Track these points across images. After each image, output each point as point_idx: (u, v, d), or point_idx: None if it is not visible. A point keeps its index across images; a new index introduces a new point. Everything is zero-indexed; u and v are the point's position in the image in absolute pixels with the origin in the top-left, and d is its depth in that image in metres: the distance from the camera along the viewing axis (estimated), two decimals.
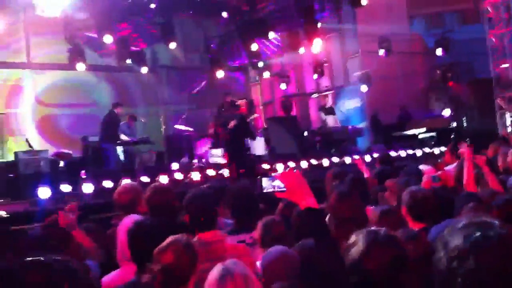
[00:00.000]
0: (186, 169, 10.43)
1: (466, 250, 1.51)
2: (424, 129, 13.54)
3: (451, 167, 5.57)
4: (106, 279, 3.51)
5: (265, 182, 2.61)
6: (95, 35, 13.11)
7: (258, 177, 2.65)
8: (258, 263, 3.16)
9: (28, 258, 1.92)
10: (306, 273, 2.62)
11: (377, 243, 2.15)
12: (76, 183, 8.87)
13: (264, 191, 2.62)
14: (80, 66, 12.32)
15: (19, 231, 4.88)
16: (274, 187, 2.59)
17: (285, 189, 2.49)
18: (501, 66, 14.07)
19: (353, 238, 2.23)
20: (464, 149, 4.81)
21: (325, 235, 2.37)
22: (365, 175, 5.99)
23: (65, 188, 8.53)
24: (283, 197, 2.66)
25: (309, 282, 2.11)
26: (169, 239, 2.90)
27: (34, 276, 2.39)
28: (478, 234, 1.52)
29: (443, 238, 1.62)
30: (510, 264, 1.47)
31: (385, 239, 2.19)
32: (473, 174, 4.60)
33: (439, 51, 14.84)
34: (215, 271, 2.42)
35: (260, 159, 11.64)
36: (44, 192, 8.03)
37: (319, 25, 13.85)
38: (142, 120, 12.93)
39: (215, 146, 12.13)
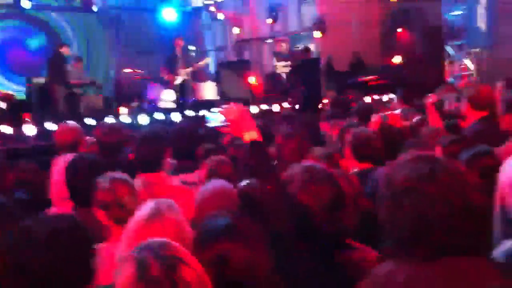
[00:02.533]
0: (134, 113, 10.25)
1: (413, 182, 1.52)
2: (374, 77, 13.62)
3: (398, 111, 5.64)
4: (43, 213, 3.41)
5: (208, 115, 2.57)
6: None
7: (203, 113, 2.59)
8: None
9: None
10: (245, 208, 2.60)
11: (314, 178, 2.15)
12: (18, 125, 8.60)
13: (208, 125, 2.59)
14: (26, 4, 11.88)
15: None
16: (217, 120, 2.55)
17: (227, 122, 2.45)
18: (451, 14, 14.18)
19: (290, 173, 2.22)
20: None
21: (268, 168, 2.35)
22: None
23: (6, 129, 8.26)
24: (226, 132, 2.62)
25: (247, 216, 2.08)
26: (108, 176, 2.82)
27: None
28: (425, 166, 1.53)
29: (388, 174, 1.63)
30: (455, 196, 1.49)
31: (322, 175, 2.19)
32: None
33: None
34: (145, 209, 2.35)
35: (211, 103, 11.53)
36: None
37: None
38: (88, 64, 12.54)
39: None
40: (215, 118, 2.59)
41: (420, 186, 1.50)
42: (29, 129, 8.27)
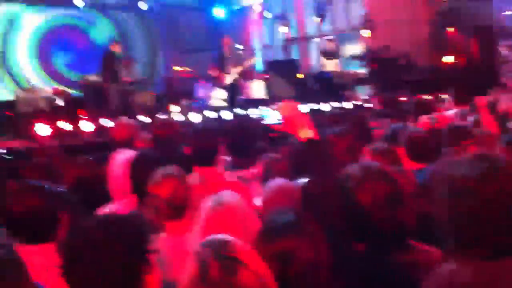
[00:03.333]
0: (185, 111, 10.40)
1: (473, 181, 1.51)
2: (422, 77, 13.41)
3: (451, 112, 5.60)
4: (103, 211, 3.53)
5: (264, 113, 2.60)
6: None
7: (250, 116, 2.63)
8: (256, 200, 3.18)
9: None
10: (307, 206, 2.64)
11: (370, 177, 2.16)
12: (75, 121, 8.85)
13: (262, 122, 2.61)
14: (79, 2, 12.15)
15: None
16: (271, 119, 2.59)
17: (282, 120, 2.46)
18: (504, 13, 13.83)
19: (346, 172, 2.23)
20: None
21: (326, 165, 2.36)
22: None
23: (64, 125, 8.51)
24: (280, 129, 2.64)
25: (309, 214, 2.12)
26: (162, 171, 2.90)
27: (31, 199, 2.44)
28: (484, 165, 1.53)
29: (445, 172, 1.62)
30: None
31: (378, 173, 2.20)
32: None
33: None
34: (209, 200, 2.42)
35: (259, 102, 11.61)
36: (42, 129, 8.02)
37: None
38: (140, 62, 12.75)
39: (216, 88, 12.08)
40: (270, 115, 2.61)
41: (479, 186, 1.49)
42: (85, 126, 8.50)
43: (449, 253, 1.63)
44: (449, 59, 14.51)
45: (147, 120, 8.69)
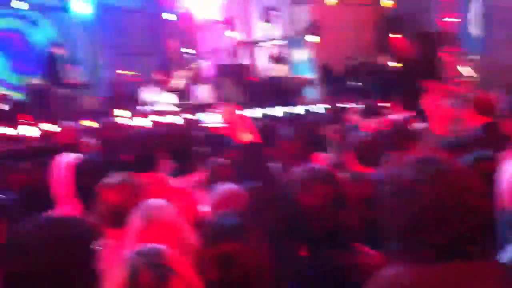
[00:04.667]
0: (130, 115, 10.24)
1: (414, 182, 1.51)
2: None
3: (394, 116, 5.71)
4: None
5: (204, 117, 2.58)
6: None
7: (198, 113, 2.61)
8: (201, 206, 3.15)
9: None
10: (253, 210, 2.63)
11: (315, 179, 2.16)
12: (17, 126, 8.58)
13: (203, 125, 2.60)
14: (18, 4, 11.81)
15: None
16: (213, 122, 2.57)
17: (224, 124, 2.45)
18: (444, 20, 14.28)
19: (292, 173, 2.24)
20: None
21: (266, 169, 2.36)
22: None
23: (6, 130, 8.24)
24: (220, 132, 2.63)
25: (254, 218, 2.11)
26: (116, 177, 2.85)
27: None
28: (426, 167, 1.54)
29: (389, 174, 1.63)
30: (455, 197, 1.48)
31: (323, 175, 2.20)
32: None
33: (386, 3, 14.88)
34: (139, 211, 2.37)
35: (207, 106, 11.55)
36: None
37: None
38: (83, 65, 12.46)
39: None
40: (211, 119, 2.60)
41: (420, 187, 1.50)
42: (28, 130, 8.26)
43: (393, 256, 1.62)
44: (393, 64, 14.84)
45: (92, 124, 8.51)
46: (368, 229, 2.43)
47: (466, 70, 13.22)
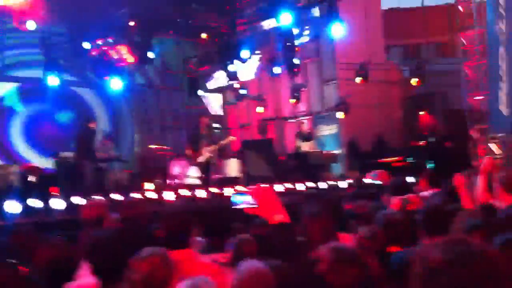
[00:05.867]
0: (159, 189, 10.32)
1: (445, 264, 1.50)
2: (398, 158, 13.65)
3: (425, 193, 5.62)
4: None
5: (236, 198, 2.58)
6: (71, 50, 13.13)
7: (226, 194, 2.63)
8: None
9: None
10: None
11: (342, 259, 2.14)
12: (46, 198, 8.70)
13: (235, 207, 2.59)
14: (53, 80, 12.25)
15: None
16: (244, 203, 2.57)
17: (255, 205, 2.46)
18: (474, 98, 14.32)
19: (319, 253, 2.22)
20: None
21: (296, 249, 2.35)
22: None
23: (34, 203, 8.35)
24: (253, 213, 2.63)
25: None
26: (148, 250, 2.85)
27: None
28: (458, 249, 1.52)
29: (421, 253, 1.61)
30: (487, 282, 1.46)
31: (350, 256, 2.19)
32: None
33: (414, 81, 15.04)
34: (182, 285, 2.36)
35: (235, 181, 11.61)
36: (12, 206, 7.86)
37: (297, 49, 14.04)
38: (115, 140, 12.73)
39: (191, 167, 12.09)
40: (242, 199, 2.60)
41: (451, 269, 1.48)
42: (57, 203, 8.35)
43: None
44: (421, 141, 14.85)
45: (120, 198, 8.59)
46: None
47: (494, 147, 13.12)
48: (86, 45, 12.76)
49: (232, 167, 13.12)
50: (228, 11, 14.29)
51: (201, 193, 9.69)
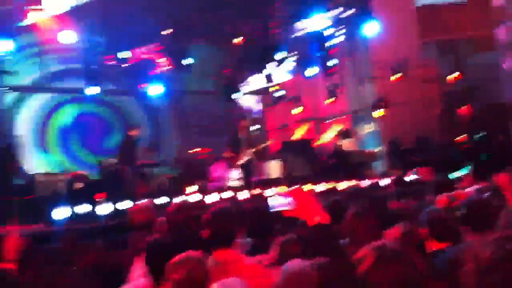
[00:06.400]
0: (202, 192, 10.44)
1: (499, 260, 1.50)
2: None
3: (470, 189, 5.55)
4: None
5: (273, 201, 2.61)
6: (111, 61, 13.38)
7: (267, 196, 2.67)
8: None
9: None
10: None
11: (384, 258, 2.14)
12: (92, 204, 8.91)
13: (272, 210, 2.62)
14: (93, 90, 12.51)
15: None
16: (282, 205, 2.59)
17: (293, 207, 2.48)
18: None
19: (362, 252, 2.22)
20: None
21: (336, 250, 2.35)
22: None
23: (81, 209, 8.57)
24: (291, 215, 2.64)
25: None
26: (182, 255, 2.91)
27: None
28: (510, 245, 1.51)
29: (473, 250, 1.61)
30: None
31: (393, 254, 2.18)
32: None
33: (451, 77, 14.83)
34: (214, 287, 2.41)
35: (276, 182, 11.65)
36: (60, 213, 8.09)
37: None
38: (157, 145, 12.91)
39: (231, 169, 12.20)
40: (280, 202, 2.61)
41: (504, 266, 1.47)
42: (102, 208, 8.55)
43: None
44: (462, 137, 14.61)
45: (164, 202, 8.74)
46: None
47: None
48: (124, 54, 13.00)
49: (273, 168, 13.16)
50: (260, 15, 14.33)
51: (242, 195, 9.77)
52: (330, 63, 14.40)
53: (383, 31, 12.99)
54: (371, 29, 12.39)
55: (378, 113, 14.90)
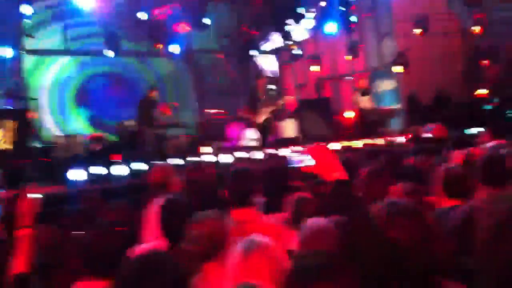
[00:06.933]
0: (217, 152, 10.45)
1: None
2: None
3: (487, 145, 5.44)
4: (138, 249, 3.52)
5: (293, 157, 2.58)
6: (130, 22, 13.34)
7: (284, 154, 2.63)
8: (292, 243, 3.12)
9: None
10: (343, 245, 2.58)
11: (401, 213, 2.11)
12: (110, 165, 8.98)
13: (292, 165, 2.60)
14: (112, 52, 12.51)
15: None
16: (301, 161, 2.57)
17: (312, 163, 2.46)
18: None
19: (376, 208, 2.20)
20: None
21: (356, 206, 2.34)
22: None
23: (99, 170, 8.64)
24: (310, 171, 2.62)
25: (344, 255, 2.08)
26: (202, 213, 2.91)
27: None
28: None
29: (488, 206, 1.56)
30: None
31: (409, 209, 2.16)
32: None
33: (476, 29, 14.43)
34: (240, 244, 2.40)
35: (292, 141, 11.60)
36: (78, 174, 8.17)
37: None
38: (174, 104, 12.90)
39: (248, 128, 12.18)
40: (299, 158, 2.60)
41: None
42: (121, 169, 8.62)
43: None
44: (483, 92, 14.31)
45: (180, 162, 8.77)
46: (457, 265, 2.33)
47: None
48: (142, 15, 12.93)
49: (289, 127, 13.09)
50: None
51: (258, 155, 9.76)
52: (350, 19, 14.11)
53: None
54: None
55: (398, 69, 14.62)
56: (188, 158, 8.89)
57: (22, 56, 13.39)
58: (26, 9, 10.80)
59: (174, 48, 13.82)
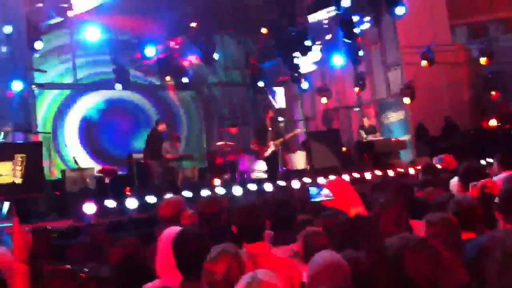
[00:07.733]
0: (228, 185, 10.44)
1: None
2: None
3: (499, 176, 5.40)
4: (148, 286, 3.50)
5: (312, 191, 2.58)
6: (138, 55, 13.48)
7: (306, 186, 2.63)
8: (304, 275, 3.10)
9: None
10: (358, 282, 2.57)
11: (409, 247, 2.11)
12: (120, 198, 8.99)
13: (312, 200, 2.59)
14: (118, 86, 12.66)
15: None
16: (321, 195, 2.56)
17: (332, 197, 2.45)
18: None
19: (389, 243, 2.21)
20: None
21: (377, 242, 2.33)
22: None
23: (110, 203, 8.65)
24: (330, 205, 2.61)
25: None
26: (218, 248, 2.89)
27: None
28: None
29: (500, 239, 1.57)
30: None
31: (417, 243, 2.15)
32: None
33: (483, 61, 14.51)
34: (243, 279, 2.39)
35: (301, 173, 11.59)
36: (89, 208, 8.17)
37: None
38: (184, 138, 12.95)
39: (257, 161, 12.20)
40: (319, 192, 2.59)
41: None
42: (131, 202, 8.62)
43: None
44: (492, 122, 14.30)
45: (191, 195, 8.77)
46: None
47: None
48: (151, 50, 13.01)
49: (298, 159, 13.11)
50: (285, 3, 14.22)
51: (268, 187, 9.74)
52: (356, 50, 14.23)
53: (410, 14, 12.77)
54: (398, 11, 12.22)
55: (406, 100, 14.66)
56: (201, 191, 8.90)
57: (32, 90, 13.53)
58: (37, 45, 10.95)
59: (184, 81, 13.95)
